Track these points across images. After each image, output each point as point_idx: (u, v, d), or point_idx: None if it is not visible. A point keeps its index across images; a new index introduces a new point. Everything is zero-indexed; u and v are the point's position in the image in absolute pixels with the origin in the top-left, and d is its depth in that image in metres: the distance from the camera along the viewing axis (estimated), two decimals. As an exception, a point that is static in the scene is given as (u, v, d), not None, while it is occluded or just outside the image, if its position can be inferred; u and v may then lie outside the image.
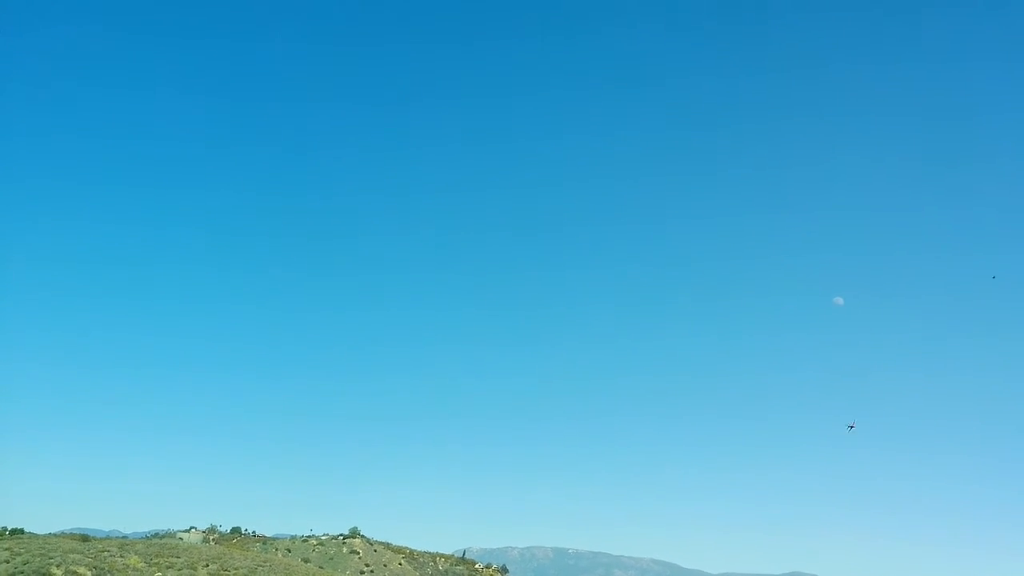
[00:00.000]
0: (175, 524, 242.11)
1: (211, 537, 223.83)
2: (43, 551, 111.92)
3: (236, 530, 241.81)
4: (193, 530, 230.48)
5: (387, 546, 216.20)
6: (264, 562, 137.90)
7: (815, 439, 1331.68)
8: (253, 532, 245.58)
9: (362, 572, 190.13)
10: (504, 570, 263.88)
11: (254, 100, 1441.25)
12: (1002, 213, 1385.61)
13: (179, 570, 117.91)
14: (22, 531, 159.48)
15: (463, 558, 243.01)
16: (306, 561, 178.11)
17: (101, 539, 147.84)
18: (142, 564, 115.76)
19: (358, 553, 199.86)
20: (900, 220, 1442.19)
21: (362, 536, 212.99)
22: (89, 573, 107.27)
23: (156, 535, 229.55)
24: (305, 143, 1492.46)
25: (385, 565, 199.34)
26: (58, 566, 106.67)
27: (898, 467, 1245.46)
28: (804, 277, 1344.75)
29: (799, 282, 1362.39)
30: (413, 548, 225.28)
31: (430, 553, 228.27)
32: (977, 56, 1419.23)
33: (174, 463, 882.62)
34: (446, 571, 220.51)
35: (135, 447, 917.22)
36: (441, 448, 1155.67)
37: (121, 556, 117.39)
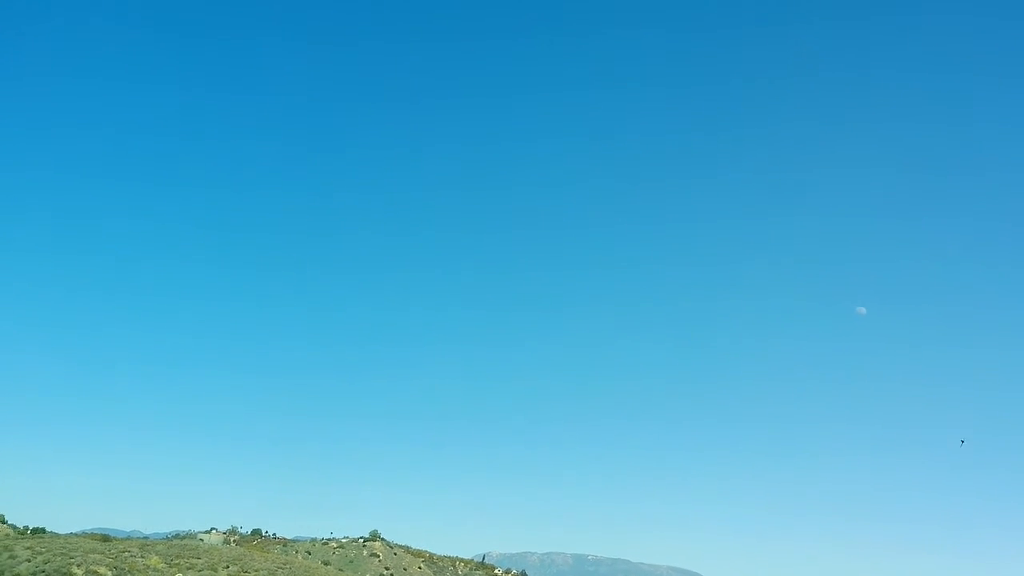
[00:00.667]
0: (196, 525, 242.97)
1: (231, 539, 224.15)
2: (64, 551, 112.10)
3: (257, 532, 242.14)
4: (214, 531, 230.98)
5: (407, 550, 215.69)
6: (284, 564, 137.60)
7: (844, 447, 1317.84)
8: (273, 534, 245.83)
9: (382, 575, 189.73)
10: (523, 575, 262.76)
11: (253, 97, 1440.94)
12: (1004, 220, 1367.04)
13: (199, 571, 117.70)
14: (43, 531, 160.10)
15: (482, 563, 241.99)
16: (326, 564, 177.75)
17: (122, 539, 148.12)
18: (162, 564, 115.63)
19: (378, 556, 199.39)
20: (897, 226, 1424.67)
21: (382, 539, 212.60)
22: (109, 573, 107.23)
23: (177, 536, 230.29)
24: (303, 141, 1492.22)
25: (405, 569, 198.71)
26: (79, 566, 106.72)
27: (919, 476, 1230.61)
28: (818, 282, 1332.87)
29: (815, 286, 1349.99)
30: (433, 552, 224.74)
31: (449, 557, 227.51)
32: (982, 58, 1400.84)
33: (196, 464, 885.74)
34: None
35: (157, 447, 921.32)
36: (461, 451, 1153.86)
37: (142, 556, 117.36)
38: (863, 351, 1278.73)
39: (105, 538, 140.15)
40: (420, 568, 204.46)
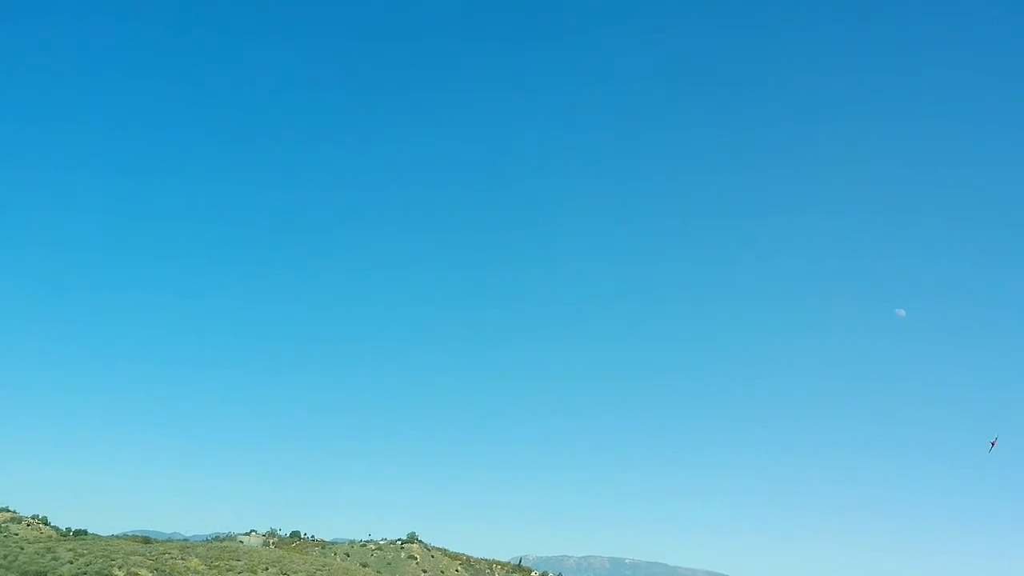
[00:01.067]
0: (236, 527, 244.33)
1: (271, 541, 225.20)
2: (106, 553, 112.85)
3: (296, 534, 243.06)
4: (253, 533, 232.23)
5: (444, 552, 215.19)
6: (323, 566, 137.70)
7: (890, 449, 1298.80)
8: (312, 536, 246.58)
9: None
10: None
11: (251, 94, 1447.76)
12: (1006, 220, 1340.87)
13: (239, 573, 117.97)
14: (85, 533, 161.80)
15: (520, 565, 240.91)
16: (364, 566, 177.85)
17: (163, 541, 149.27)
18: (203, 567, 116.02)
19: (416, 559, 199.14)
20: (899, 225, 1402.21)
21: (420, 541, 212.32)
22: (150, 575, 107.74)
23: (217, 538, 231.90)
24: (298, 138, 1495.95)
25: (442, 572, 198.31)
26: (120, 567, 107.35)
27: (961, 478, 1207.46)
28: (825, 280, 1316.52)
29: (821, 285, 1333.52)
30: (470, 555, 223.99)
31: (487, 560, 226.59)
32: (984, 57, 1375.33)
33: (235, 466, 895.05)
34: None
35: (197, 449, 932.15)
36: (498, 452, 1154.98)
37: (182, 558, 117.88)
38: (886, 351, 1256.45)
39: (146, 540, 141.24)
40: (458, 571, 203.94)
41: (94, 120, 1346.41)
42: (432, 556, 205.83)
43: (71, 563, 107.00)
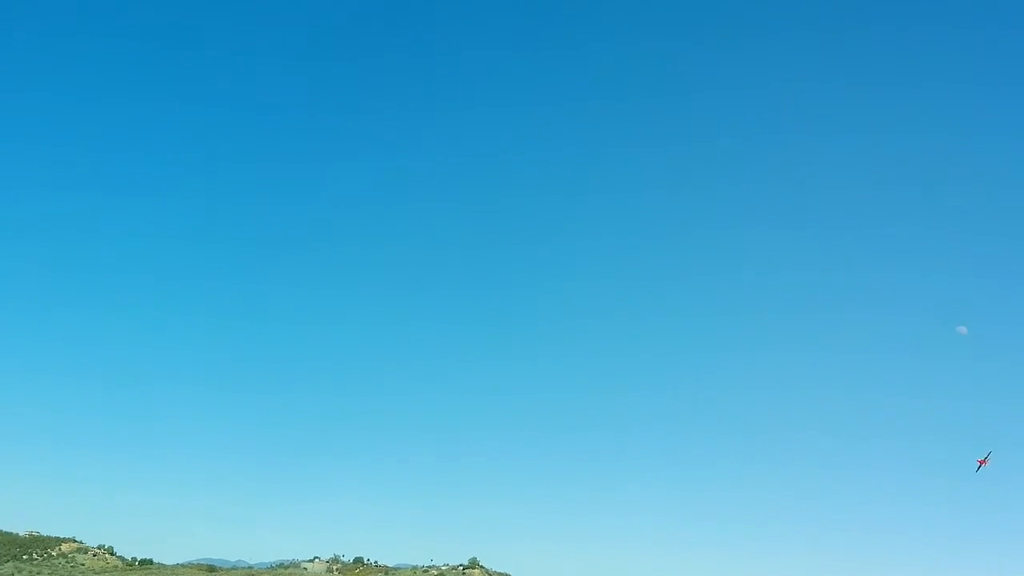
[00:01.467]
0: (299, 554, 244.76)
1: (334, 567, 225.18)
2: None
3: (359, 560, 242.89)
4: (317, 560, 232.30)
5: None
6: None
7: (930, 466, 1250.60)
8: (375, 562, 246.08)
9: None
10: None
11: (246, 110, 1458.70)
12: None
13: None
14: (151, 562, 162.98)
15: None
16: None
17: (227, 569, 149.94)
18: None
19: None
20: (895, 235, 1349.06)
21: (481, 567, 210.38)
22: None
23: (281, 565, 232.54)
24: (293, 153, 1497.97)
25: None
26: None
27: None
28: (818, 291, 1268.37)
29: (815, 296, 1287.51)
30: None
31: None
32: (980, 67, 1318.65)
33: (298, 491, 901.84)
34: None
35: (260, 475, 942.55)
36: (555, 474, 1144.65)
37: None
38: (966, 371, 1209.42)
39: (211, 568, 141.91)
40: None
41: (94, 131, 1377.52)
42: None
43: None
